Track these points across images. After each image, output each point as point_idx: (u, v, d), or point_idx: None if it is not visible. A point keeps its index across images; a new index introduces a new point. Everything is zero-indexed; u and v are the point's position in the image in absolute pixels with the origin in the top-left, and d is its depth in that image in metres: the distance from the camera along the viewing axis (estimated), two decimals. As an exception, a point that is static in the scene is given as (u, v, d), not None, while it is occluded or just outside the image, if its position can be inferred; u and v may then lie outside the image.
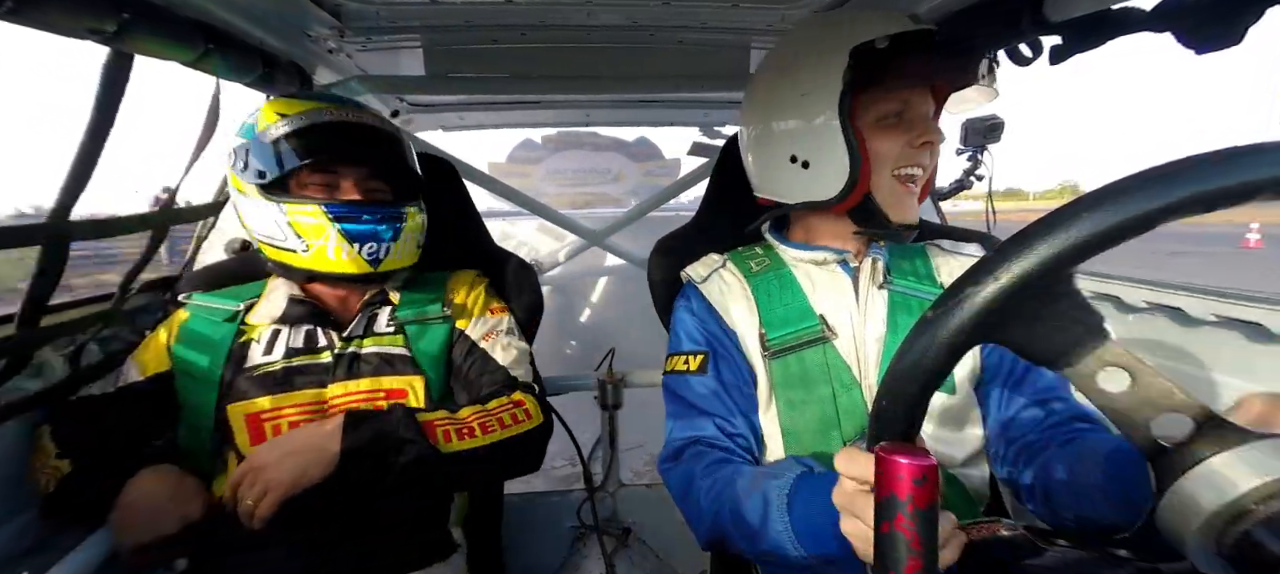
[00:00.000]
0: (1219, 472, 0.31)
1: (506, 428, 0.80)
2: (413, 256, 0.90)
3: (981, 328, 0.33)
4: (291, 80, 1.06)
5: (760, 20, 1.03)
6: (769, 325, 0.76)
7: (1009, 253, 0.32)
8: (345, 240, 0.80)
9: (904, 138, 0.70)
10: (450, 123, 1.80)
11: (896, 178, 0.71)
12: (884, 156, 0.71)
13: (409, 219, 0.86)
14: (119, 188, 4.68)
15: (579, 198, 5.86)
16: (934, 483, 0.32)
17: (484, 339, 0.91)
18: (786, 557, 0.56)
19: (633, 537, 1.32)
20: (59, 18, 0.61)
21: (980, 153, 1.78)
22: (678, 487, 0.73)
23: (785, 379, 0.74)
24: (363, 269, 0.83)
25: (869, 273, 0.76)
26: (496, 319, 0.95)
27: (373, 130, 0.85)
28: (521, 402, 0.84)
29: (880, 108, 0.71)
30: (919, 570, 0.32)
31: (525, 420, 0.82)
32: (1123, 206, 0.30)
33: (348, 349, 0.85)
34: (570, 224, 1.93)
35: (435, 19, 1.02)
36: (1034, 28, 0.77)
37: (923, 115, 0.71)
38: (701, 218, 1.02)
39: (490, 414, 0.80)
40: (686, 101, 1.68)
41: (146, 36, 0.71)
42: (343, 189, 0.83)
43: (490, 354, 0.90)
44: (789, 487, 0.58)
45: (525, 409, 0.83)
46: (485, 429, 0.78)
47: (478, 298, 0.96)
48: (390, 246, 0.84)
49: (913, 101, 0.71)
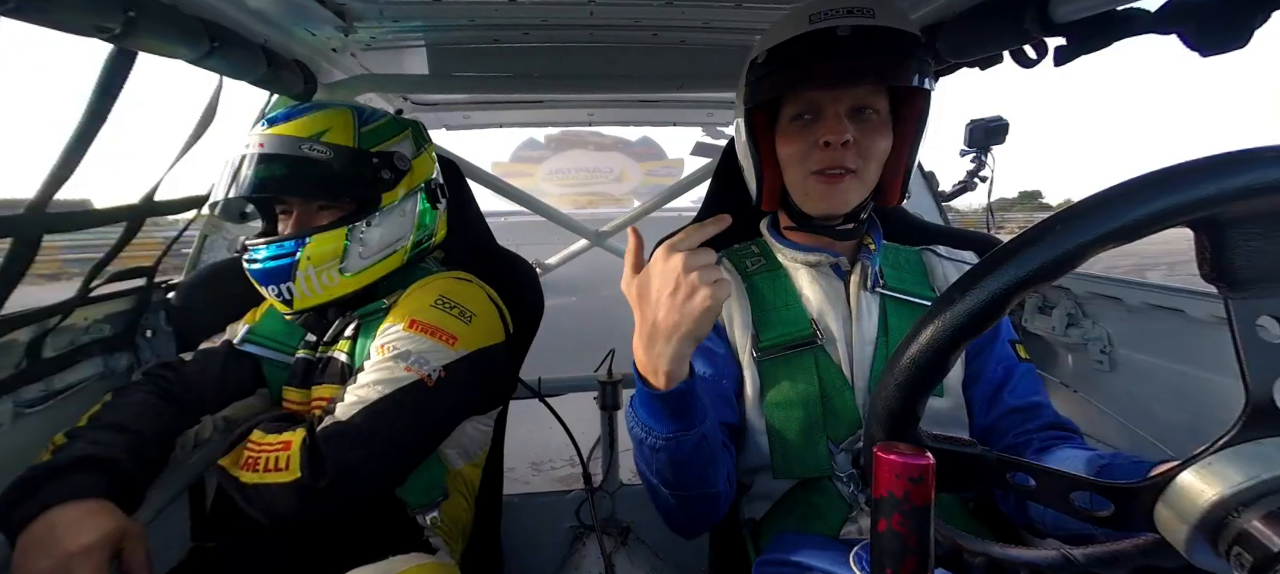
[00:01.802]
0: (1203, 479, 0.32)
1: (256, 470, 0.70)
2: (344, 285, 0.83)
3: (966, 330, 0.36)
4: (296, 79, 1.06)
5: (764, 20, 1.03)
6: (762, 326, 0.76)
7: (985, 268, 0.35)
8: (259, 283, 0.84)
9: (809, 138, 0.71)
10: (454, 122, 1.81)
11: (814, 176, 0.72)
12: (792, 157, 0.74)
13: (304, 251, 0.80)
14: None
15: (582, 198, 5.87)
16: (929, 482, 0.32)
17: (379, 350, 0.78)
18: (646, 443, 0.60)
19: (632, 536, 1.32)
20: (65, 15, 0.61)
21: (984, 154, 1.77)
22: (643, 476, 0.68)
23: (774, 381, 0.74)
24: (284, 310, 0.86)
25: (860, 276, 0.76)
26: (411, 336, 0.78)
27: (265, 159, 0.80)
28: (289, 443, 0.70)
29: (788, 112, 0.74)
30: (915, 568, 0.32)
31: (277, 471, 0.69)
32: (1047, 248, 0.33)
33: (314, 354, 0.87)
34: (572, 224, 1.94)
35: (438, 18, 1.02)
36: (1039, 28, 0.76)
37: (830, 115, 0.70)
38: (703, 218, 1.02)
39: (263, 450, 0.71)
40: (689, 101, 1.68)
41: (151, 34, 0.71)
42: (287, 221, 0.85)
43: (356, 376, 0.78)
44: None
45: (287, 458, 0.70)
46: (250, 465, 0.70)
47: (420, 299, 0.83)
48: (289, 286, 0.82)
49: (818, 102, 0.71)
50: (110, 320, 0.96)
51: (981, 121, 1.68)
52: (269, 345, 0.90)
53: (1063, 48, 0.78)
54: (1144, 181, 0.32)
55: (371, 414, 0.72)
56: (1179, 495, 0.34)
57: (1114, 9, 0.70)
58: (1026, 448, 0.68)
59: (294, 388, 0.87)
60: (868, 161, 0.72)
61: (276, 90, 1.08)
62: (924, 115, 0.74)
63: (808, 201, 0.75)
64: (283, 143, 0.81)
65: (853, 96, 0.71)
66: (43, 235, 0.74)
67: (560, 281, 2.29)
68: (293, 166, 0.81)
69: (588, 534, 1.31)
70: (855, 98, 0.71)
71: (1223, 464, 0.33)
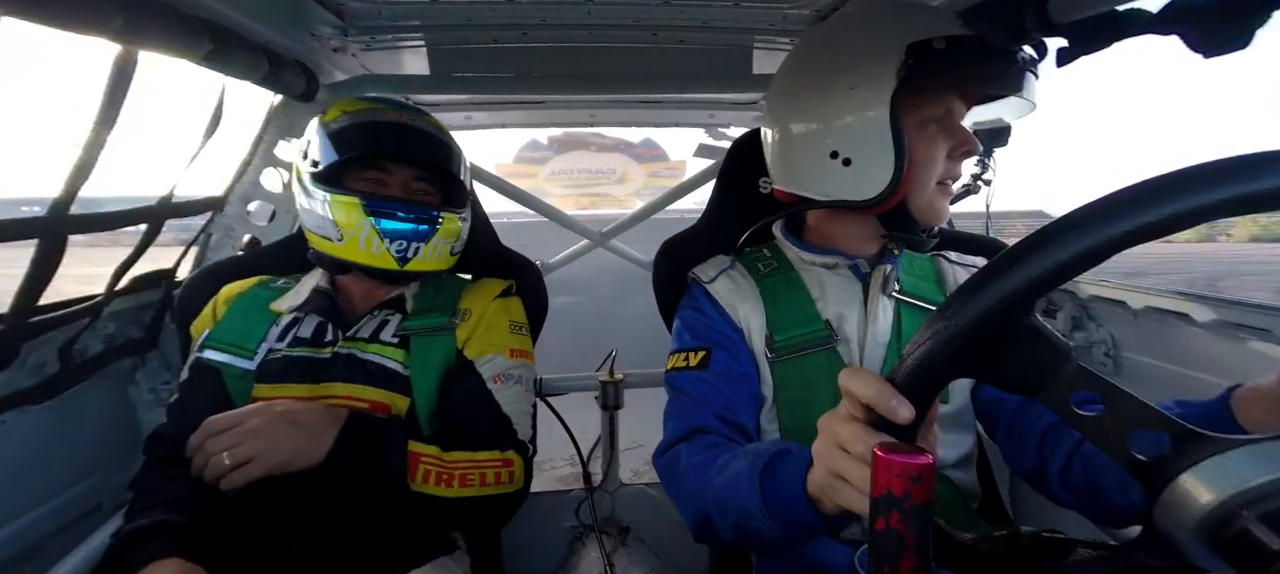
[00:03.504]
0: (1204, 478, 0.32)
1: (486, 485, 0.78)
2: (444, 262, 0.91)
3: (952, 365, 0.35)
4: (298, 79, 1.07)
5: (762, 20, 1.03)
6: (775, 327, 0.76)
7: (958, 299, 0.34)
8: (377, 235, 0.83)
9: (946, 145, 0.69)
10: (456, 123, 1.81)
11: (939, 186, 0.70)
12: (926, 162, 0.69)
13: (445, 223, 0.87)
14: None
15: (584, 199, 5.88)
16: (929, 481, 0.32)
17: (495, 380, 0.87)
18: (757, 530, 0.54)
19: (632, 536, 1.31)
20: (68, 14, 0.61)
21: (987, 157, 1.77)
22: (666, 472, 0.70)
23: (788, 382, 0.74)
24: (390, 265, 0.85)
25: (881, 280, 0.76)
26: (516, 364, 0.90)
27: (423, 134, 0.88)
28: (511, 463, 0.82)
29: (924, 111, 0.68)
30: (914, 567, 0.32)
31: (507, 484, 0.81)
32: (1068, 244, 0.31)
33: (349, 350, 0.84)
34: (574, 225, 1.94)
35: (436, 18, 1.03)
36: (1039, 29, 0.76)
37: (961, 126, 0.70)
38: (707, 220, 1.02)
39: (479, 466, 0.78)
40: (692, 102, 1.68)
41: (152, 34, 0.71)
42: (388, 187, 0.87)
43: (496, 397, 0.87)
44: (771, 452, 0.55)
45: (511, 472, 0.81)
46: (465, 481, 0.76)
47: (499, 326, 0.92)
48: (420, 247, 0.85)
49: (955, 109, 0.69)
50: (134, 321, 0.98)
51: (984, 125, 1.67)
52: (232, 351, 0.84)
53: (1064, 49, 0.78)
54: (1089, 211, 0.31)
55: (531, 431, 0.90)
56: (1179, 495, 0.33)
57: (1115, 9, 0.70)
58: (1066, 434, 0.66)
59: (288, 384, 0.81)
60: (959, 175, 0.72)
61: (279, 90, 1.09)
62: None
63: (927, 210, 0.71)
64: (430, 125, 0.90)
65: (964, 112, 0.71)
66: (68, 236, 0.76)
67: (562, 282, 2.29)
68: (439, 150, 0.89)
69: (588, 534, 1.31)
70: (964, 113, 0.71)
71: (1223, 464, 0.32)
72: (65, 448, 0.90)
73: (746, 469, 0.56)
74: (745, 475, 0.56)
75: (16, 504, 0.80)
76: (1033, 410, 0.71)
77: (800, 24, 1.04)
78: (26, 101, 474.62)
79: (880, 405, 0.38)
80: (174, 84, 7.37)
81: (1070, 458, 0.64)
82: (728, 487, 0.58)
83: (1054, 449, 0.66)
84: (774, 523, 0.52)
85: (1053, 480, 0.67)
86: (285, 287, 0.92)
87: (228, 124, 1.03)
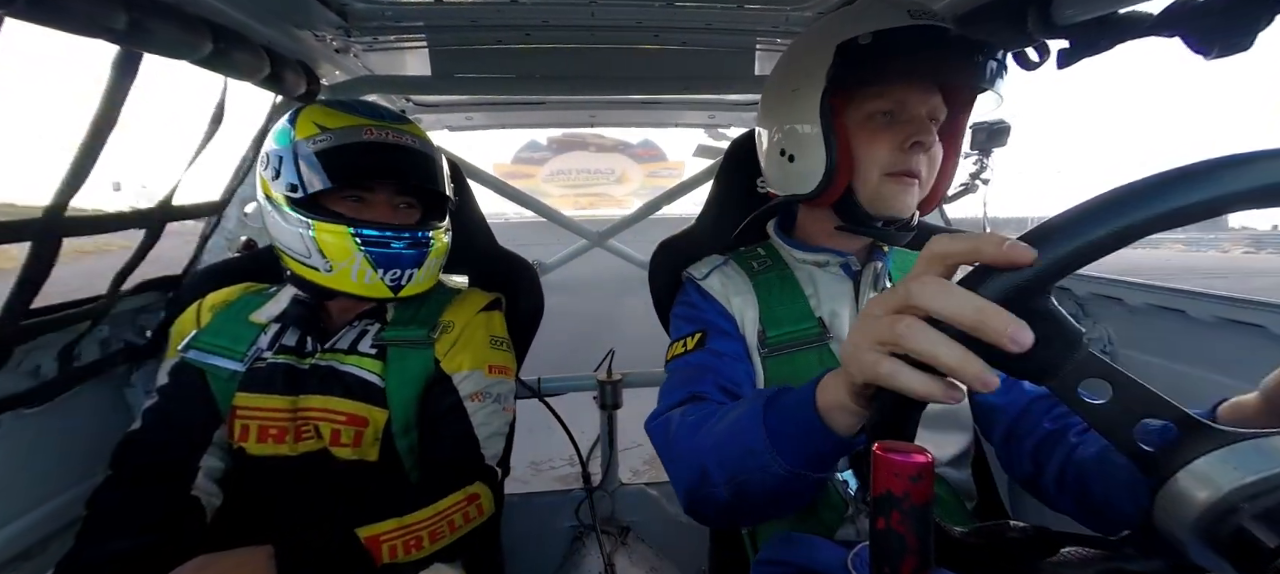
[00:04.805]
0: (1206, 472, 0.31)
1: (457, 530, 0.77)
2: (434, 279, 0.90)
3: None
4: (299, 80, 1.07)
5: (765, 21, 1.03)
6: (769, 323, 0.76)
7: (979, 277, 0.34)
8: (370, 265, 0.80)
9: (892, 138, 0.69)
10: (457, 123, 1.81)
11: (889, 177, 0.70)
12: (871, 157, 0.70)
13: (435, 243, 0.85)
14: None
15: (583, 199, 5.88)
16: (929, 481, 0.32)
17: (472, 398, 0.85)
18: (757, 477, 0.50)
19: (631, 536, 1.32)
20: (69, 15, 0.61)
21: (986, 157, 1.77)
22: (659, 433, 0.67)
23: (779, 378, 0.73)
24: (384, 294, 0.83)
25: (871, 277, 0.76)
26: (494, 381, 0.88)
27: (411, 152, 0.83)
28: (478, 496, 0.80)
29: (870, 106, 0.70)
30: (915, 567, 0.32)
31: (477, 518, 0.79)
32: (1085, 230, 0.31)
33: (328, 362, 0.83)
34: (572, 225, 1.94)
35: (439, 19, 1.03)
36: (1041, 30, 0.76)
37: (917, 116, 0.69)
38: (705, 220, 1.02)
39: (443, 517, 0.76)
40: (692, 103, 1.68)
41: (155, 35, 0.71)
42: (373, 207, 0.83)
43: (471, 418, 0.84)
44: (775, 390, 0.53)
45: (479, 505, 0.79)
46: (434, 536, 0.75)
47: (480, 340, 0.89)
48: (413, 273, 0.84)
49: (907, 101, 0.69)
50: (133, 325, 0.98)
51: (984, 124, 1.68)
52: (220, 352, 0.83)
53: (1066, 50, 0.78)
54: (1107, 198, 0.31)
55: (507, 438, 0.90)
56: (1180, 491, 0.33)
57: (1117, 11, 0.70)
58: (1070, 430, 0.66)
59: (270, 395, 0.80)
60: (932, 169, 0.72)
61: (280, 92, 1.09)
62: (964, 129, 0.75)
63: (877, 202, 0.72)
64: (413, 137, 0.85)
65: (933, 103, 0.70)
66: (62, 238, 0.75)
67: (560, 282, 2.29)
68: (425, 166, 0.85)
69: (587, 534, 1.31)
70: (934, 104, 0.70)
71: (1228, 457, 0.32)
72: (60, 452, 0.89)
73: (748, 409, 0.53)
74: (747, 414, 0.53)
75: (10, 508, 0.80)
76: (1029, 419, 0.71)
77: (802, 25, 1.04)
78: (26, 102, 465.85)
79: (991, 326, 0.31)
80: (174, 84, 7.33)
81: (1064, 466, 0.65)
82: (727, 431, 0.55)
83: (1048, 457, 0.67)
84: (778, 455, 0.49)
85: (1047, 488, 0.67)
86: (272, 295, 0.90)
87: (228, 124, 1.03)
